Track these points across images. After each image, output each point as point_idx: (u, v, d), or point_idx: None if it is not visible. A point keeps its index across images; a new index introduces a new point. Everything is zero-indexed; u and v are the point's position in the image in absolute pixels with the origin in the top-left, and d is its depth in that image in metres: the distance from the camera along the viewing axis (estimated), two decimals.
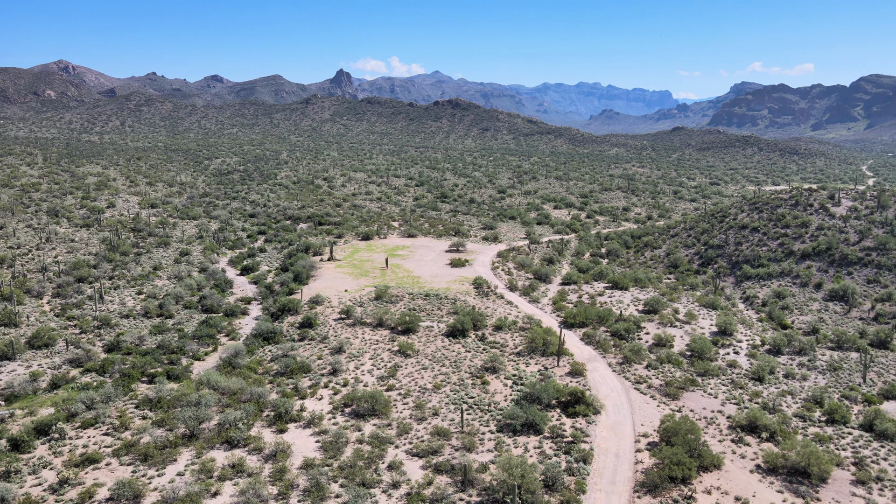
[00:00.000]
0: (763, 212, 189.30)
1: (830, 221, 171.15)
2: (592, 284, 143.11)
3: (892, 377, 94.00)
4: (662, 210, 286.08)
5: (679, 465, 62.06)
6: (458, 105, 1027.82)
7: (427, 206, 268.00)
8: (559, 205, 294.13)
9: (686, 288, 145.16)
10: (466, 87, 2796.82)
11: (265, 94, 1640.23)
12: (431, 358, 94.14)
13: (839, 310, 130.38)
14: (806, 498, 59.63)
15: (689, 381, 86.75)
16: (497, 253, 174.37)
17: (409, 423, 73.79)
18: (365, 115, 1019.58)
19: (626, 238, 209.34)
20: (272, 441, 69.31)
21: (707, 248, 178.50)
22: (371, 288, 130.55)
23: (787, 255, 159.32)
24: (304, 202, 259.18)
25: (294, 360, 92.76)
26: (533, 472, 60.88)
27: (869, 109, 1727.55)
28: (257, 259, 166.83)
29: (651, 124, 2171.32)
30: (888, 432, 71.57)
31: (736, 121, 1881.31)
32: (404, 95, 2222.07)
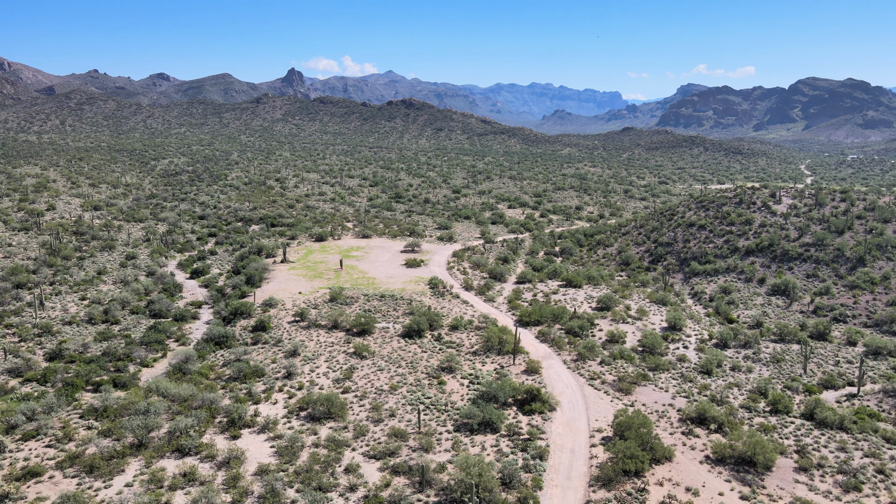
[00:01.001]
0: (709, 210, 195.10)
1: (772, 219, 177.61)
2: (547, 283, 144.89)
3: (831, 367, 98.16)
4: (614, 209, 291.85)
5: (632, 458, 63.36)
6: (411, 105, 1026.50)
7: (382, 207, 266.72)
8: (513, 204, 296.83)
9: (637, 285, 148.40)
10: (420, 87, 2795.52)
11: (214, 93, 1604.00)
12: (388, 359, 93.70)
13: (781, 304, 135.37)
14: (752, 486, 61.66)
15: (641, 376, 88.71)
16: (452, 253, 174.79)
17: (366, 426, 73.26)
18: (317, 114, 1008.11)
19: (579, 237, 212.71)
20: (225, 448, 67.78)
21: (657, 245, 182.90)
22: (325, 290, 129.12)
23: (732, 251, 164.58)
24: (255, 203, 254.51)
25: (247, 364, 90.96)
26: (490, 470, 61.22)
27: (806, 111, 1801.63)
28: (208, 262, 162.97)
29: (602, 124, 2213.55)
30: (828, 421, 74.65)
31: (683, 121, 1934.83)
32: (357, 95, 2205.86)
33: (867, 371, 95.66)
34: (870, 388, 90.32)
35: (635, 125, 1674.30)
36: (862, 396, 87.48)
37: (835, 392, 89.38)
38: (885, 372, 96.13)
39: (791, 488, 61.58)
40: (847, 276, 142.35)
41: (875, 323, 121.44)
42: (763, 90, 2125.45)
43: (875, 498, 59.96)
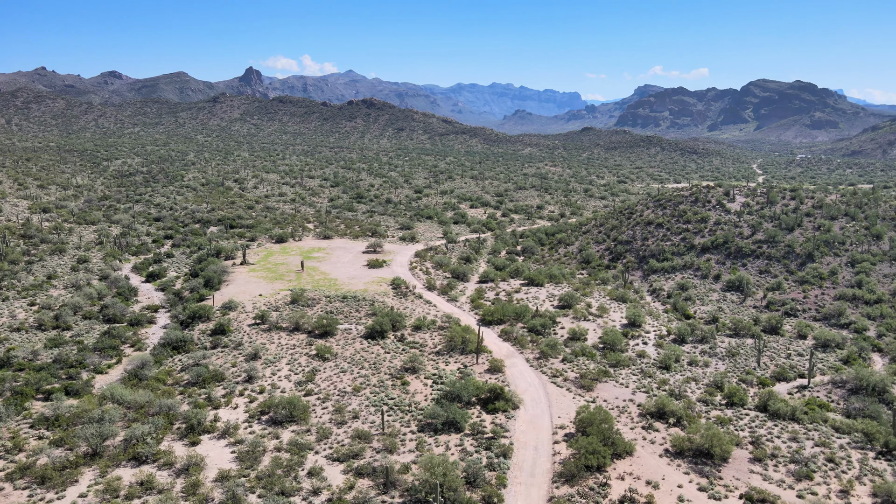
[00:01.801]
0: (666, 208, 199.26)
1: (727, 217, 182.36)
2: (509, 282, 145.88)
3: (783, 360, 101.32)
4: (574, 208, 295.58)
5: (594, 453, 64.27)
6: (372, 105, 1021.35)
7: (343, 207, 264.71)
8: (475, 204, 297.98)
9: (598, 283, 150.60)
10: (381, 87, 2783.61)
11: (169, 92, 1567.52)
12: (350, 361, 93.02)
13: (736, 299, 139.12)
14: (710, 477, 63.21)
15: (603, 373, 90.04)
16: (415, 253, 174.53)
17: (329, 428, 72.59)
18: (277, 114, 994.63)
19: (540, 235, 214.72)
20: (184, 454, 66.28)
21: (616, 243, 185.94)
22: (286, 292, 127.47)
23: (688, 248, 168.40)
24: (213, 204, 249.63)
25: (206, 368, 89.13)
26: (455, 469, 61.32)
27: (758, 112, 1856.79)
28: (164, 265, 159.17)
29: (562, 124, 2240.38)
30: (780, 412, 77.04)
31: (640, 121, 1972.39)
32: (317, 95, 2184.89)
33: (817, 363, 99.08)
34: (819, 379, 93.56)
35: (594, 125, 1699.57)
36: (812, 388, 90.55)
37: (787, 384, 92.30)
38: (834, 364, 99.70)
39: (746, 478, 63.32)
40: (797, 271, 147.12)
41: (824, 316, 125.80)
42: (717, 91, 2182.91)
43: (826, 486, 62.09)
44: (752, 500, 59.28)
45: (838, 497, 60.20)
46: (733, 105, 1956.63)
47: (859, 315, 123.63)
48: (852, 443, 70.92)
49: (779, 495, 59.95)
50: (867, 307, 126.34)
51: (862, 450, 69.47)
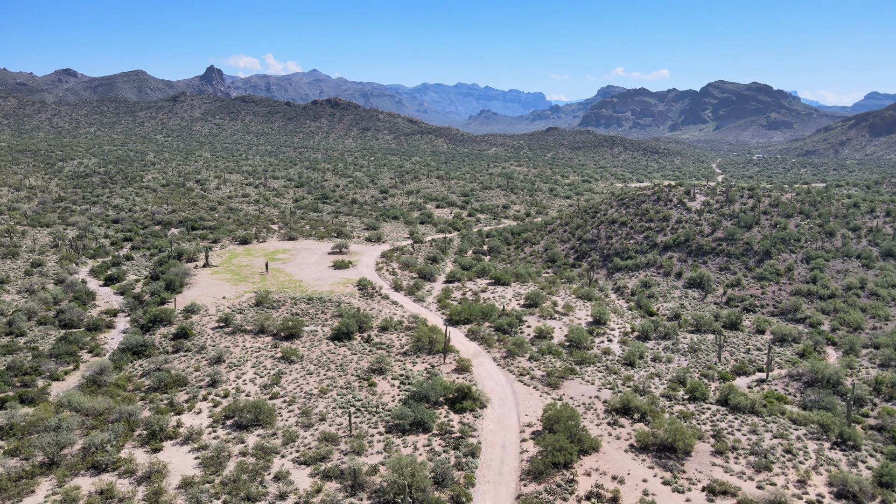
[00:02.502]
0: (630, 207, 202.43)
1: (687, 215, 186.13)
2: (476, 281, 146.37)
3: (743, 355, 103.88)
4: (540, 207, 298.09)
5: (561, 450, 64.89)
6: (337, 105, 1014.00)
7: (308, 208, 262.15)
8: (441, 204, 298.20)
9: (563, 281, 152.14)
10: (346, 87, 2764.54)
11: (127, 91, 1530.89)
12: (317, 363, 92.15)
13: (697, 296, 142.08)
14: (673, 471, 64.42)
15: (569, 370, 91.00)
16: (381, 253, 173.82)
17: (296, 431, 71.78)
18: (239, 114, 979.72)
19: (506, 235, 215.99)
20: (146, 462, 64.76)
21: (581, 242, 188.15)
22: (251, 294, 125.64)
23: (651, 246, 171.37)
24: (174, 206, 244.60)
25: (168, 373, 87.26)
26: (423, 470, 61.24)
27: (717, 112, 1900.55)
28: (123, 268, 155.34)
29: (527, 124, 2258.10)
30: (741, 405, 78.94)
31: (603, 122, 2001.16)
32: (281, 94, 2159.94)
33: (774, 357, 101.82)
34: (777, 373, 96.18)
35: (559, 125, 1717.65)
36: (770, 381, 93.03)
37: (746, 378, 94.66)
38: (791, 357, 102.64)
39: (709, 471, 64.71)
40: (755, 268, 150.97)
41: (781, 312, 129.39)
42: (677, 92, 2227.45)
43: (784, 476, 63.84)
44: (714, 492, 60.60)
45: (796, 487, 61.95)
46: (693, 106, 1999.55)
47: (814, 310, 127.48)
48: (809, 434, 73.06)
49: (739, 487, 61.41)
50: (821, 302, 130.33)
51: (818, 440, 71.62)
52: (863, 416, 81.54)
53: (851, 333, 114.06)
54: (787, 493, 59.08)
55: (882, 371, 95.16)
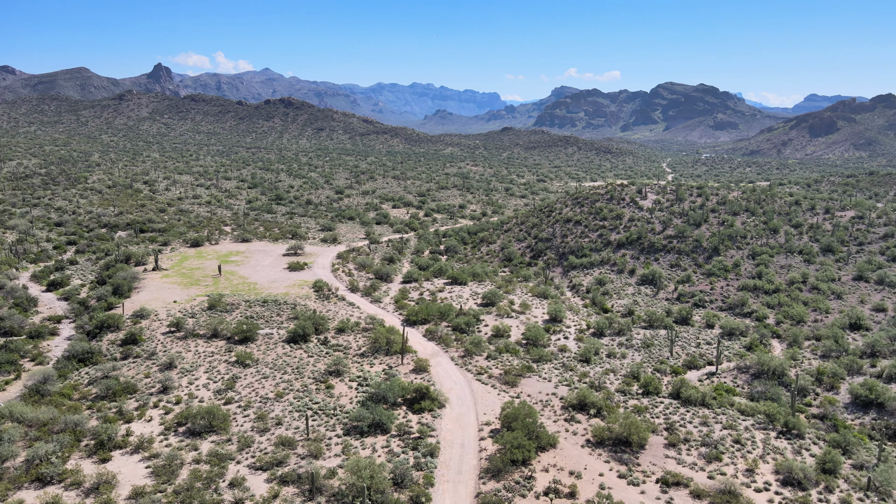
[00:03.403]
0: (584, 206, 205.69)
1: (640, 214, 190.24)
2: (433, 281, 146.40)
3: (693, 349, 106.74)
4: (496, 206, 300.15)
5: (519, 448, 65.44)
6: (291, 104, 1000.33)
7: (262, 209, 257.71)
8: (398, 204, 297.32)
9: (520, 280, 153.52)
10: (299, 86, 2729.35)
11: (69, 89, 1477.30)
12: (272, 366, 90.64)
13: (649, 292, 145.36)
14: (628, 464, 65.72)
15: (526, 368, 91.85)
16: (337, 254, 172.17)
17: (251, 436, 70.43)
18: (189, 113, 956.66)
19: (463, 234, 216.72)
20: (93, 473, 62.54)
21: (537, 241, 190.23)
22: (203, 297, 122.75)
23: (605, 245, 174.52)
24: (121, 208, 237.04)
25: (116, 380, 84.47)
26: (382, 471, 60.92)
27: (666, 113, 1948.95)
28: (67, 272, 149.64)
29: (482, 124, 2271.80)
30: (692, 398, 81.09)
31: (557, 122, 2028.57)
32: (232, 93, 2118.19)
33: (723, 351, 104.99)
34: (726, 366, 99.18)
35: (514, 125, 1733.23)
36: (720, 374, 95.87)
37: (697, 372, 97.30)
38: (739, 351, 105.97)
39: (662, 463, 66.25)
40: (704, 264, 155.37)
41: (729, 306, 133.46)
42: (628, 93, 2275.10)
43: (733, 466, 65.85)
44: (668, 483, 62.07)
45: (745, 476, 63.96)
46: (643, 107, 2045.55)
47: (760, 304, 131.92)
48: (756, 424, 75.53)
49: (692, 477, 63.06)
50: (767, 296, 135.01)
51: (765, 430, 74.11)
52: (806, 406, 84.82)
53: (795, 326, 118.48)
54: (736, 482, 60.94)
55: (823, 362, 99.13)
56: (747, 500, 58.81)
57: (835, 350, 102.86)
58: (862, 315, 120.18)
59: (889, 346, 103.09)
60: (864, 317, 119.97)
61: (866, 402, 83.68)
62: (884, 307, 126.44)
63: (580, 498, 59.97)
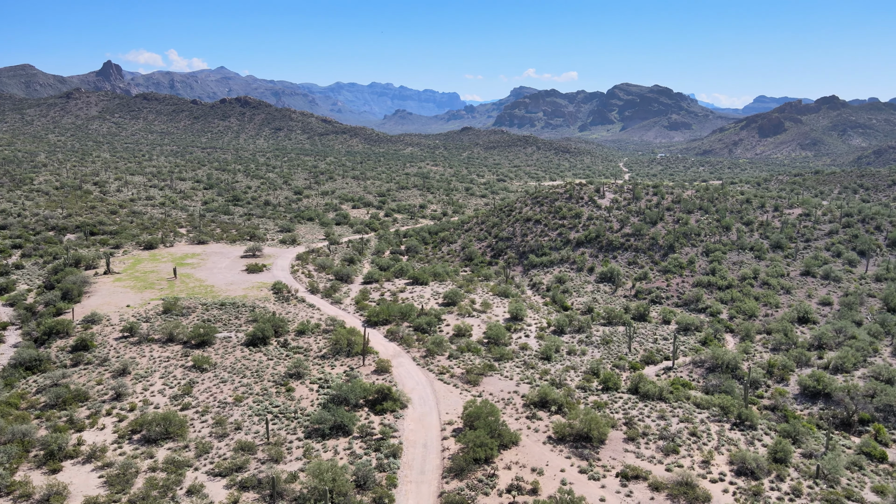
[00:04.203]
0: (543, 205, 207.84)
1: (598, 212, 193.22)
2: (394, 281, 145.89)
3: (651, 345, 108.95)
4: (456, 206, 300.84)
5: (482, 446, 65.71)
6: (247, 103, 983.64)
7: (218, 211, 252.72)
8: (357, 204, 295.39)
9: (481, 279, 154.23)
10: (256, 85, 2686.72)
11: (13, 87, 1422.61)
12: (231, 370, 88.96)
13: (608, 290, 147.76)
14: (589, 459, 66.67)
15: (488, 367, 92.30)
16: (296, 256, 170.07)
17: (210, 442, 68.98)
18: (141, 112, 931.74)
19: (423, 234, 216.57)
20: (43, 484, 60.30)
21: (498, 240, 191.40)
22: (158, 301, 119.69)
23: (565, 243, 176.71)
24: (70, 210, 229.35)
25: (67, 388, 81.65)
26: (344, 473, 60.38)
27: (622, 114, 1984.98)
28: (13, 277, 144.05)
29: (442, 124, 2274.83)
30: (650, 393, 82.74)
31: (517, 122, 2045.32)
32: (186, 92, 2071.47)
33: (679, 346, 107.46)
34: (682, 360, 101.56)
35: (474, 125, 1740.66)
36: (676, 369, 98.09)
37: (654, 367, 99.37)
38: (694, 345, 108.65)
39: (622, 457, 67.41)
40: (661, 261, 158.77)
41: (684, 303, 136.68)
42: (585, 94, 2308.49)
43: (690, 458, 67.43)
44: (627, 477, 63.18)
45: (701, 467, 65.57)
46: (601, 107, 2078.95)
47: (714, 300, 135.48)
48: (711, 417, 77.52)
49: (650, 470, 64.33)
50: (720, 292, 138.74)
51: (719, 422, 76.11)
52: (758, 398, 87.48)
53: (747, 321, 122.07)
54: (692, 474, 62.42)
55: (774, 355, 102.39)
56: (703, 491, 60.29)
57: (784, 343, 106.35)
58: (809, 309, 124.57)
59: (835, 338, 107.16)
60: (811, 310, 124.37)
61: (814, 392, 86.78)
62: (829, 301, 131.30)
63: (542, 494, 60.56)
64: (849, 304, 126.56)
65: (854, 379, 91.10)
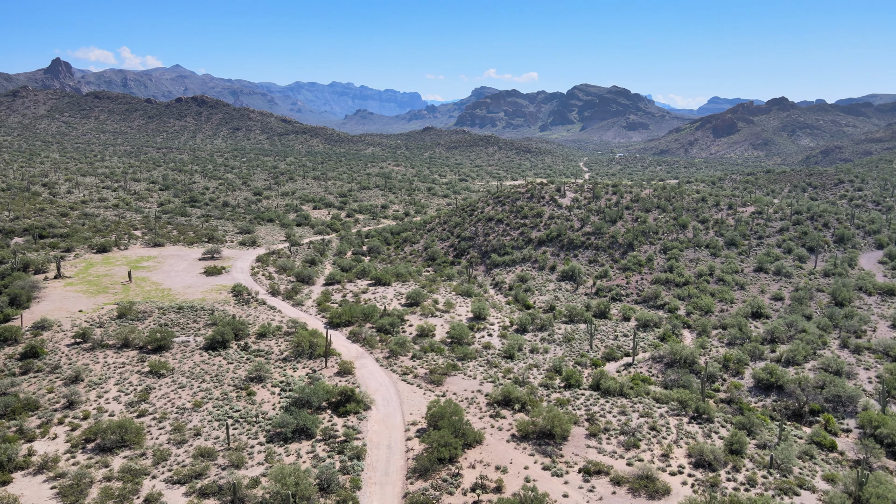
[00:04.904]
0: (505, 204, 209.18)
1: (559, 211, 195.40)
2: (356, 282, 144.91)
3: (611, 342, 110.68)
4: (418, 206, 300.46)
5: (446, 446, 65.78)
6: (204, 103, 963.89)
7: (175, 212, 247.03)
8: (318, 205, 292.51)
9: (444, 279, 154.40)
10: (213, 84, 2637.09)
11: None
12: (189, 375, 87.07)
13: (570, 288, 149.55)
14: (552, 456, 67.37)
15: (451, 367, 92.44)
16: (256, 258, 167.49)
17: (168, 449, 67.39)
18: (93, 111, 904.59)
19: (385, 235, 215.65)
20: None
21: (460, 240, 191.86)
22: (112, 306, 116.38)
23: (526, 242, 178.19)
24: (17, 212, 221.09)
25: (16, 397, 78.69)
26: (307, 477, 59.73)
27: (582, 114, 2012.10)
28: None
29: (404, 124, 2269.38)
30: (611, 389, 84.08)
31: (478, 122, 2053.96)
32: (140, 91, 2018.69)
33: (639, 342, 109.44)
34: (642, 356, 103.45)
35: (435, 125, 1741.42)
36: (636, 364, 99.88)
37: (615, 363, 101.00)
38: (653, 341, 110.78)
39: (584, 453, 68.33)
40: (620, 259, 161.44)
41: (643, 299, 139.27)
42: (546, 94, 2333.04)
43: (650, 452, 68.76)
44: (590, 472, 64.07)
45: (660, 461, 66.93)
46: (561, 107, 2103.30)
47: (672, 296, 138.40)
48: (670, 411, 79.18)
49: (612, 465, 65.36)
50: (678, 289, 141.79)
51: (678, 416, 77.82)
52: (715, 391, 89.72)
53: (703, 316, 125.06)
54: (652, 467, 63.66)
55: (729, 349, 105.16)
56: (663, 484, 61.53)
57: (739, 338, 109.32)
58: (762, 304, 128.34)
59: (786, 332, 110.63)
60: (764, 305, 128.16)
61: (768, 385, 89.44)
62: (781, 296, 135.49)
63: (506, 492, 60.94)
64: (799, 298, 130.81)
65: (805, 371, 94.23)
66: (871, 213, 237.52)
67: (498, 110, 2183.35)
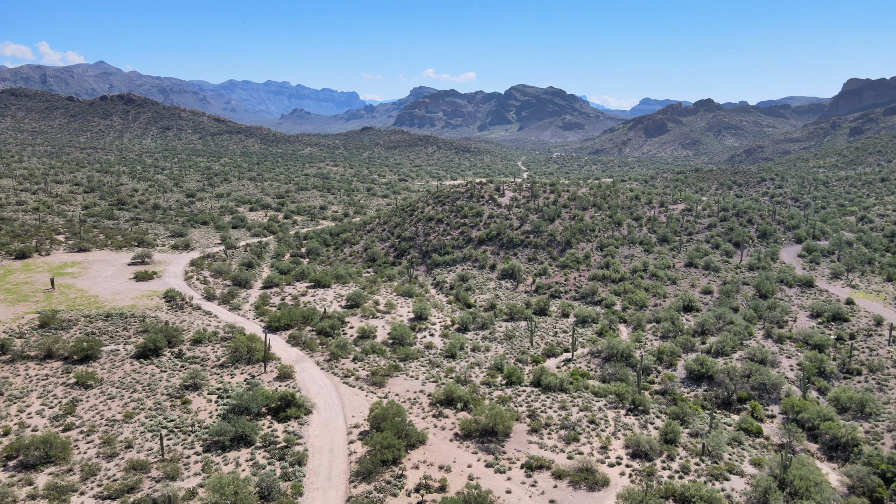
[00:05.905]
0: (445, 204, 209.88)
1: (498, 210, 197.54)
2: (295, 285, 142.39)
3: (551, 338, 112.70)
4: (358, 207, 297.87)
5: (389, 448, 65.43)
6: (131, 101, 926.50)
7: (101, 216, 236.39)
8: (255, 206, 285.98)
9: (384, 280, 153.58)
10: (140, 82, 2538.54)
11: None
12: (119, 385, 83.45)
13: (510, 286, 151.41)
14: (495, 453, 68.02)
15: (393, 368, 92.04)
16: (190, 261, 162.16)
17: (97, 463, 64.37)
18: (9, 109, 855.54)
19: (325, 236, 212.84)
20: None
21: (400, 240, 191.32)
22: (33, 315, 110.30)
23: (467, 241, 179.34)
24: None
25: None
26: (247, 486, 58.25)
27: (520, 114, 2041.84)
28: None
29: (342, 124, 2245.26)
30: (551, 385, 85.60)
31: (417, 121, 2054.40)
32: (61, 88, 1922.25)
33: (578, 338, 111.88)
34: (581, 351, 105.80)
35: (374, 125, 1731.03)
36: (575, 360, 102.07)
37: (555, 359, 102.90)
38: (591, 337, 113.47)
39: (526, 449, 69.30)
40: (559, 257, 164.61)
41: (581, 296, 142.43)
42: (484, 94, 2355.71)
43: (590, 445, 70.37)
44: (532, 467, 65.04)
45: (599, 453, 68.61)
46: (499, 107, 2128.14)
47: (608, 292, 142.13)
48: (608, 404, 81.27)
49: (553, 459, 66.55)
50: (614, 285, 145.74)
51: (615, 409, 79.96)
52: (650, 383, 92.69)
53: (638, 311, 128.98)
54: (592, 460, 65.18)
55: (663, 342, 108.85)
56: (602, 476, 63.08)
57: (672, 331, 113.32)
58: (693, 298, 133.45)
59: (715, 324, 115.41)
60: (694, 299, 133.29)
61: (699, 375, 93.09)
62: (710, 289, 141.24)
63: (450, 491, 61.12)
64: (726, 291, 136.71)
65: (733, 361, 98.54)
66: (791, 209, 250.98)
67: (437, 110, 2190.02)
